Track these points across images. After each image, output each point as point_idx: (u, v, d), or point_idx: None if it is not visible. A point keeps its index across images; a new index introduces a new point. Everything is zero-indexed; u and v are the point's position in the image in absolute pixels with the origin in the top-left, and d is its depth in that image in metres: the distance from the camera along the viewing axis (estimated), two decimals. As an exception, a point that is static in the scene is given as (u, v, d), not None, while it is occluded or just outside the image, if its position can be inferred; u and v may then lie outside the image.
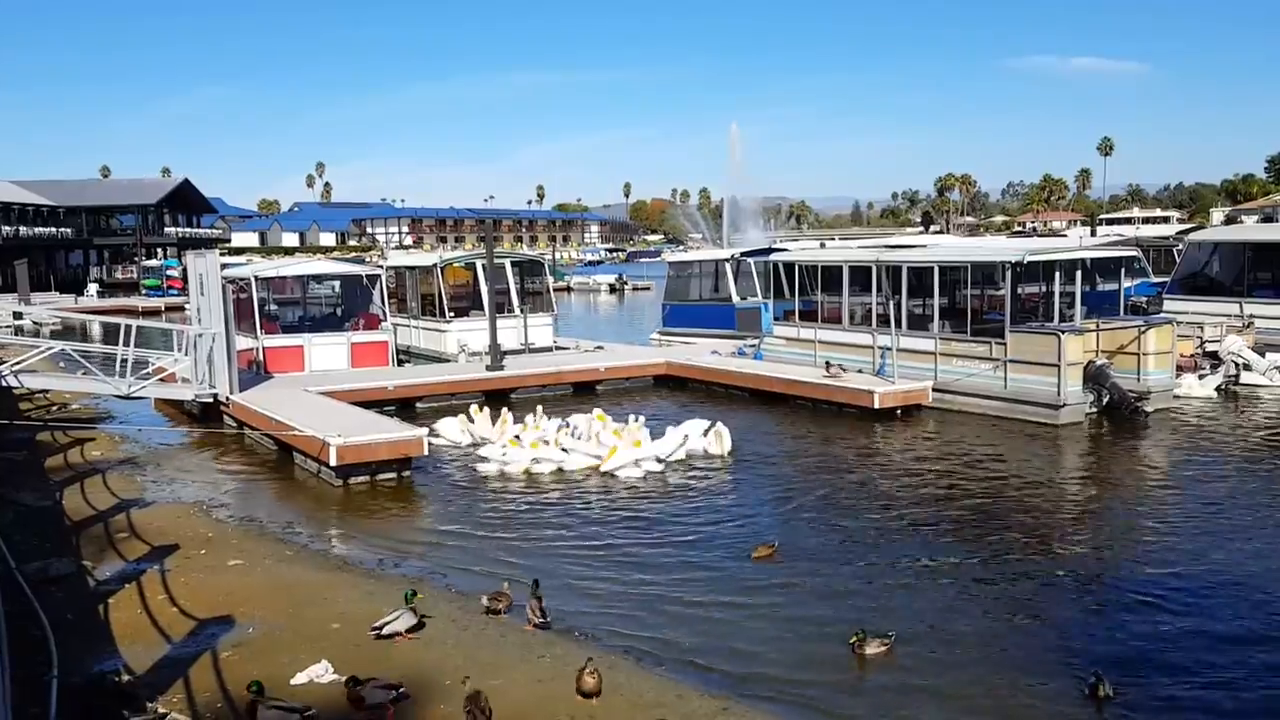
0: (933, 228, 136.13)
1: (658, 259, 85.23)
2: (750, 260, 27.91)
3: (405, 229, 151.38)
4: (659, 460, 14.71)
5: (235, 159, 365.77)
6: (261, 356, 22.09)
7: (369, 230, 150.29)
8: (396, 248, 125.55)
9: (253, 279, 22.75)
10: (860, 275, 20.78)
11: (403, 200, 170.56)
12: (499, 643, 8.37)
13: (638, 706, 7.02)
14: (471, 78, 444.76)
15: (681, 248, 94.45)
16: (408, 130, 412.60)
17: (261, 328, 22.45)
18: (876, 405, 18.08)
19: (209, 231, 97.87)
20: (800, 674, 7.96)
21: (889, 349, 19.43)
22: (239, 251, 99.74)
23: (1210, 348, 20.77)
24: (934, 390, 18.69)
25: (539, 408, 16.73)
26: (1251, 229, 36.80)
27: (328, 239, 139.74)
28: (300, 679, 7.53)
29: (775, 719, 7.10)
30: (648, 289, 65.77)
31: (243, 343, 21.51)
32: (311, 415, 16.05)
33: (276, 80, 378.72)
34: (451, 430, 16.96)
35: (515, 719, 6.99)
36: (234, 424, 18.37)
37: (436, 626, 8.69)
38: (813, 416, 18.74)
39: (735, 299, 27.92)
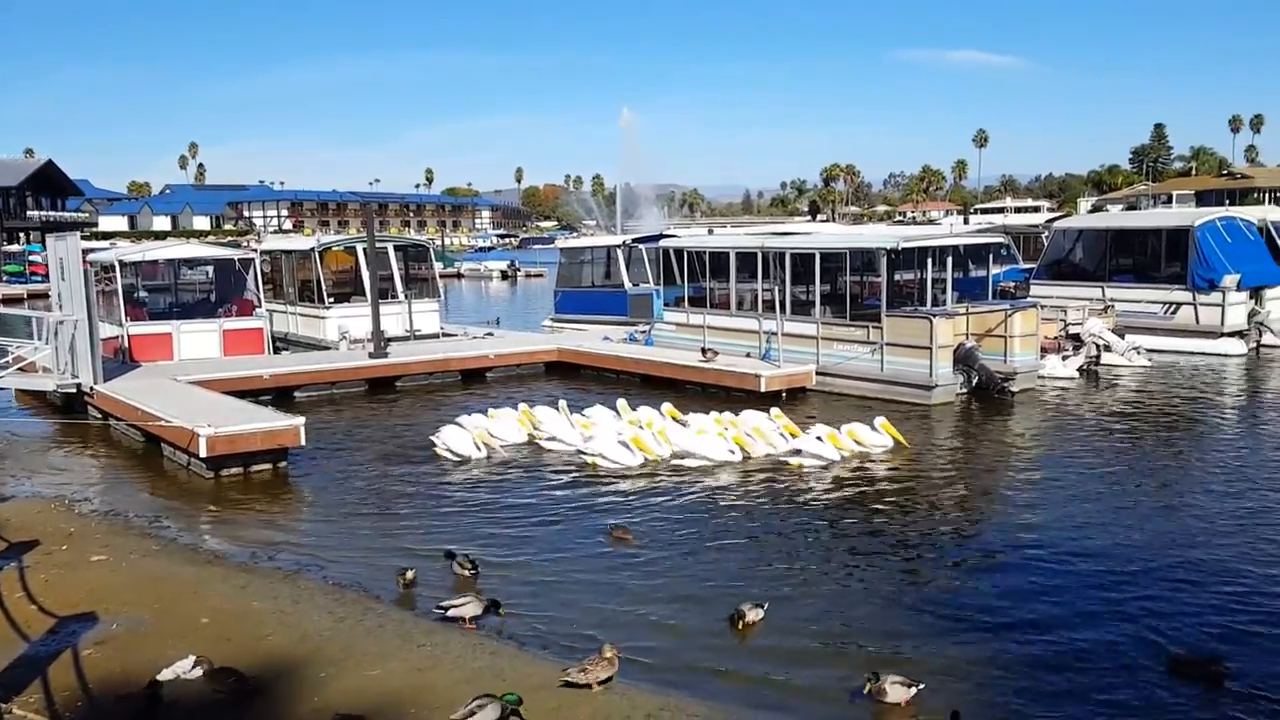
0: (819, 217, 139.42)
1: (551, 245, 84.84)
2: (642, 246, 28.03)
3: (285, 212, 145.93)
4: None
5: (104, 140, 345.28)
6: (127, 344, 21.14)
7: (246, 214, 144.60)
8: (275, 232, 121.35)
9: (117, 263, 21.72)
10: (747, 261, 21.14)
11: (282, 183, 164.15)
12: (378, 633, 8.23)
13: (524, 689, 6.95)
14: (354, 56, 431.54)
15: (575, 234, 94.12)
16: (287, 110, 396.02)
17: (127, 314, 21.47)
18: (762, 389, 18.46)
19: (75, 215, 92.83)
20: (686, 647, 8.16)
21: (774, 334, 19.83)
22: (106, 236, 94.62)
23: (1073, 330, 21.86)
24: (817, 374, 19.19)
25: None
26: (1112, 216, 38.82)
27: (201, 223, 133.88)
28: (166, 675, 7.26)
29: (658, 695, 7.17)
30: (541, 276, 65.31)
31: (108, 330, 20.56)
32: (181, 405, 15.43)
33: (148, 58, 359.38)
34: (461, 441, 14.81)
35: (394, 708, 6.90)
36: (99, 415, 17.54)
37: (311, 620, 8.50)
38: (702, 400, 18.96)
39: (627, 285, 28.02)
